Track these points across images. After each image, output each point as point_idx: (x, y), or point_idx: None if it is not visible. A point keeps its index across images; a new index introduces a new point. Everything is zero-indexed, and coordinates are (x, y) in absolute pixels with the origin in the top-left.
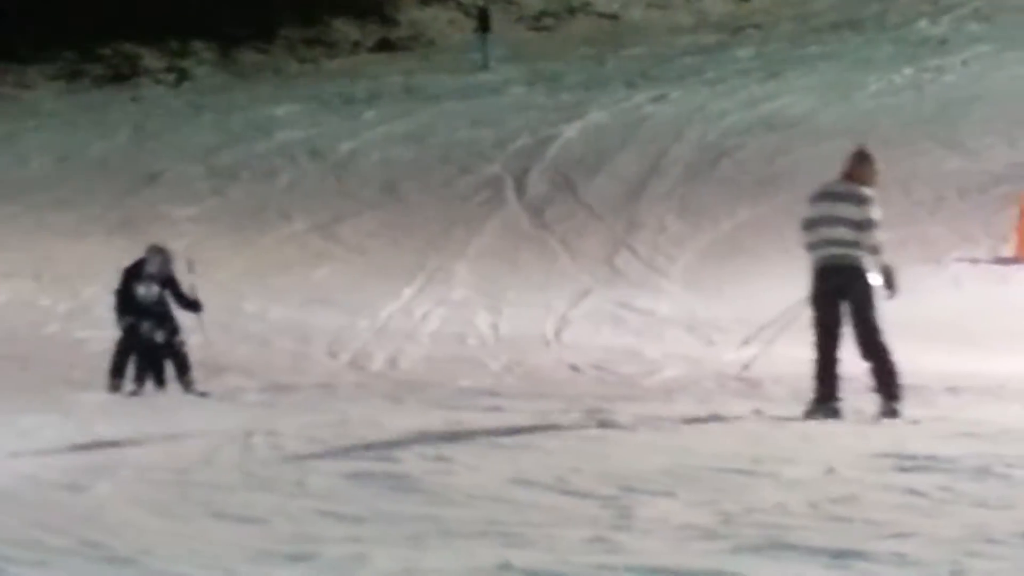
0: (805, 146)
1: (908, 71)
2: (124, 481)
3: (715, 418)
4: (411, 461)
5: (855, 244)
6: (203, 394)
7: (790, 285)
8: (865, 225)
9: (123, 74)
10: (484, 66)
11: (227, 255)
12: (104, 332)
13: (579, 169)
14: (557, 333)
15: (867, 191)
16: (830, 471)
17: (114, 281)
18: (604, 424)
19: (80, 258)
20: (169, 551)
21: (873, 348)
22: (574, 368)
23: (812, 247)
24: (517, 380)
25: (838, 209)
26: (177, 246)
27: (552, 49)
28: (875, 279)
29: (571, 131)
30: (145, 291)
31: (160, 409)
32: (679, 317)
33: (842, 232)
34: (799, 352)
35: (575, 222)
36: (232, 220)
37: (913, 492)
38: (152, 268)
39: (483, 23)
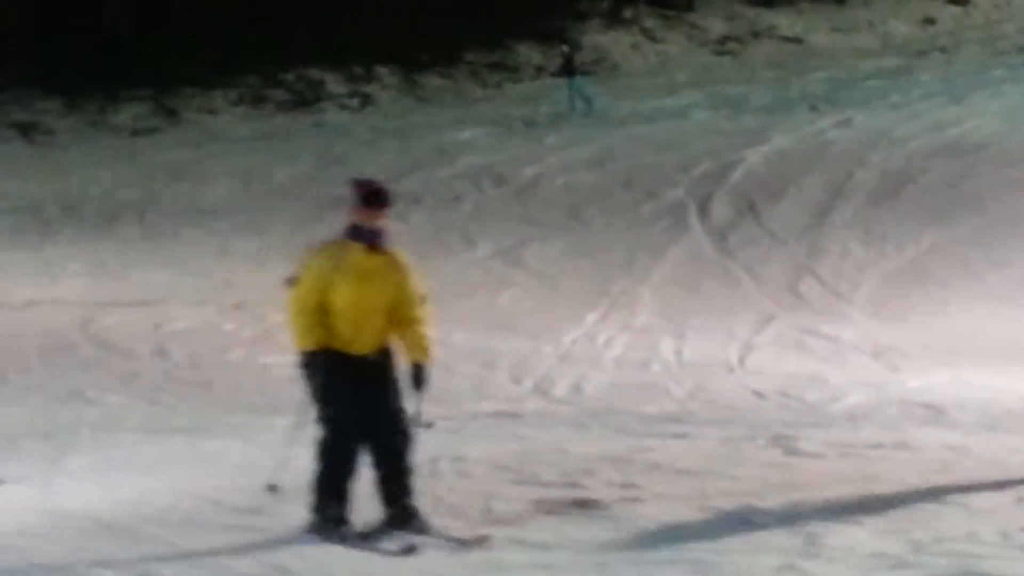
0: (991, 171)
1: None
2: (309, 506)
3: (901, 445)
4: (597, 487)
5: None
6: (428, 425)
7: (976, 311)
8: None
9: (306, 99)
10: (570, 114)
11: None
12: (288, 357)
13: (763, 194)
14: (741, 359)
15: None
16: (1021, 500)
17: None
18: (790, 451)
19: (264, 283)
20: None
21: None
22: (758, 394)
23: None
24: (701, 406)
25: None
26: None
27: (736, 73)
28: None
29: (755, 156)
30: None
31: None
32: (863, 343)
33: None
34: (986, 378)
35: (759, 247)
36: (415, 245)
37: None
38: None
39: (567, 67)
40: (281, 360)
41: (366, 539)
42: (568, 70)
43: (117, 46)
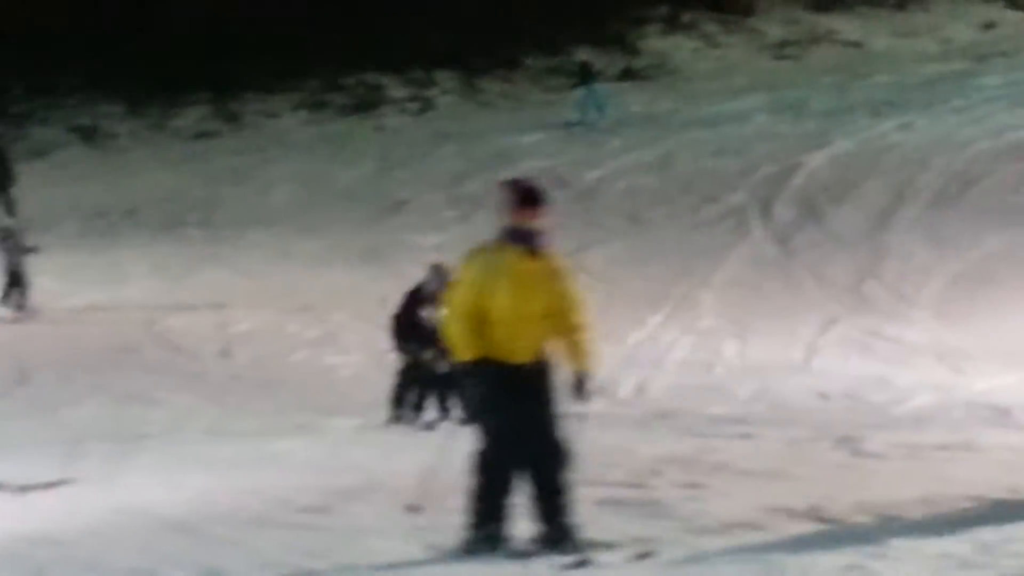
0: None
1: None
2: (378, 506)
3: (967, 447)
4: (663, 488)
5: None
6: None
7: None
8: None
9: (367, 104)
10: (579, 123)
11: None
12: (352, 358)
13: (824, 197)
14: (805, 361)
15: None
16: None
17: (364, 309)
18: (856, 452)
19: (326, 285)
20: (424, 575)
21: None
22: (823, 396)
23: None
24: (766, 408)
25: None
26: (423, 274)
27: (796, 77)
28: None
29: (816, 159)
30: (426, 315)
31: (414, 436)
32: (928, 345)
33: None
34: None
35: (821, 250)
36: None
37: None
38: (431, 288)
39: (584, 76)
40: (345, 361)
41: (523, 557)
42: (585, 80)
43: (179, 50)
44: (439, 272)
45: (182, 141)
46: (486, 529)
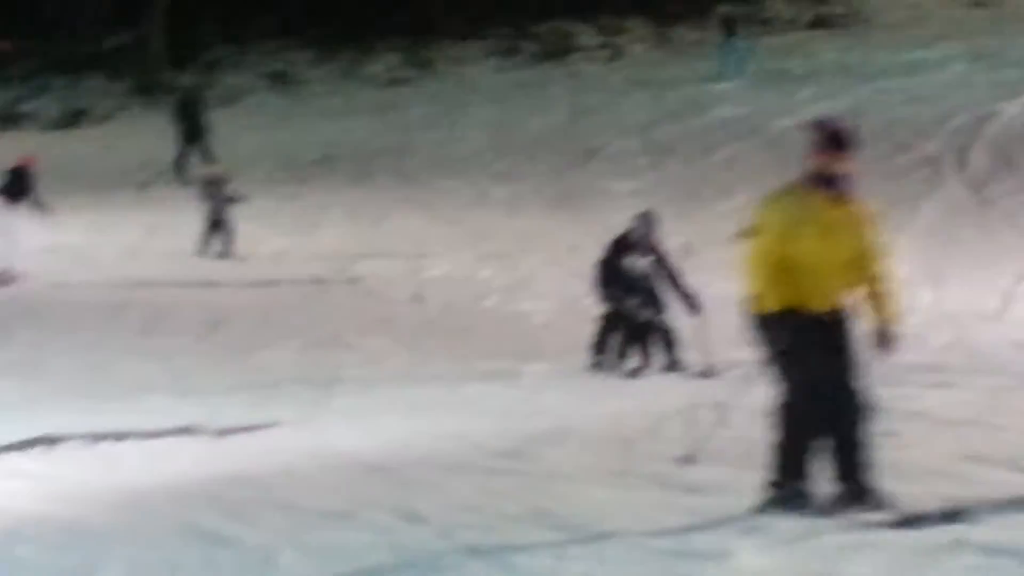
0: None
1: None
2: (571, 450)
3: None
4: None
5: None
6: (706, 373)
7: None
8: None
9: (558, 51)
10: (720, 77)
11: (667, 228)
12: (545, 304)
13: (1021, 146)
14: (1002, 310)
15: None
16: None
17: (557, 255)
18: None
19: (519, 232)
20: (617, 519)
21: None
22: (1020, 345)
23: None
24: (961, 356)
25: None
26: (616, 220)
27: (991, 26)
28: None
29: (1012, 108)
30: (631, 263)
31: (605, 381)
32: None
33: None
34: None
35: (1017, 199)
36: (671, 195)
37: None
38: (637, 236)
39: (728, 30)
40: (538, 307)
41: (829, 514)
42: (729, 32)
43: None
44: (646, 219)
45: (374, 88)
46: (792, 486)
